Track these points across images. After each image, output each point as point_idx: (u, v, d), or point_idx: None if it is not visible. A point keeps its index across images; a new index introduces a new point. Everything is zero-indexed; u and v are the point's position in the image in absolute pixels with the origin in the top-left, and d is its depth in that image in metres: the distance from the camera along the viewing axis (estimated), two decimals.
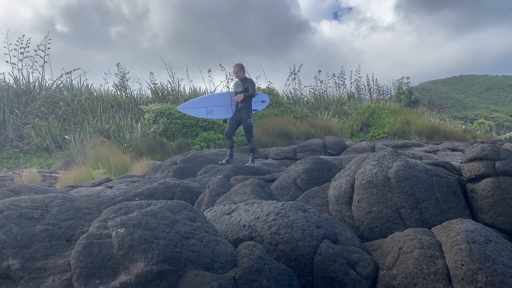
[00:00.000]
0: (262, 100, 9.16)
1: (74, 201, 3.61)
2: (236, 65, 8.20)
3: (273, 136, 12.74)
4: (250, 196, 4.30)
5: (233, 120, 8.26)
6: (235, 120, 8.25)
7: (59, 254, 2.80)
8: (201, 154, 8.71)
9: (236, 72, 8.17)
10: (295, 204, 3.61)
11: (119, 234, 2.59)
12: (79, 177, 8.94)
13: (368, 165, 4.41)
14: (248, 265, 2.67)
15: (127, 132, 12.83)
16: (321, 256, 3.16)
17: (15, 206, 3.12)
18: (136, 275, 2.42)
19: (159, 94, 17.20)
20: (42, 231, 2.93)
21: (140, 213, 2.80)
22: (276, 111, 15.10)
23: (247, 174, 6.58)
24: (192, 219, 3.04)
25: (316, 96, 20.56)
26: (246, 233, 3.45)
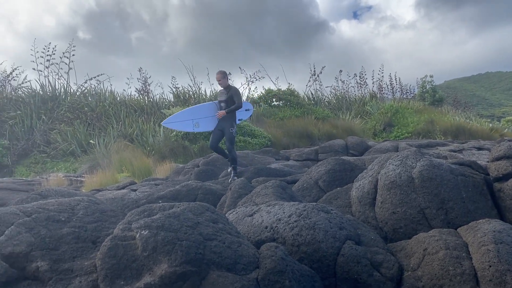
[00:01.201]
0: (246, 108, 8.55)
1: (99, 204, 3.69)
2: (219, 72, 7.78)
3: (294, 138, 12.70)
4: (272, 197, 4.30)
5: (216, 130, 7.79)
6: (219, 130, 7.76)
7: (85, 256, 2.86)
8: None
9: (219, 79, 7.69)
10: (317, 205, 3.59)
11: (143, 236, 2.63)
12: (104, 181, 9.11)
13: (391, 165, 4.35)
14: (270, 266, 2.67)
15: (150, 136, 13.01)
16: (344, 257, 3.13)
17: (43, 209, 3.21)
18: (160, 276, 2.45)
19: (180, 98, 17.38)
20: (69, 234, 3.00)
21: (163, 215, 2.83)
22: (297, 112, 15.05)
23: (268, 176, 6.58)
24: (214, 220, 3.06)
25: (337, 96, 20.41)
26: (268, 234, 3.45)
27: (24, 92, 16.38)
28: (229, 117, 7.58)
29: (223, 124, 7.63)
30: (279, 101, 16.54)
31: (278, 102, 16.61)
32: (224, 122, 7.61)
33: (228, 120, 7.59)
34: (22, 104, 15.02)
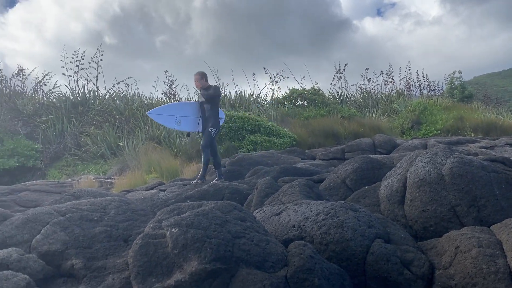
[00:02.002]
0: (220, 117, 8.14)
1: (130, 203, 3.78)
2: (197, 73, 7.50)
3: (319, 137, 12.62)
4: (299, 196, 4.30)
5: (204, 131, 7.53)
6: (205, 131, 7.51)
7: (118, 254, 2.94)
8: (249, 156, 8.79)
9: (196, 80, 7.47)
10: (345, 204, 3.57)
11: (173, 233, 2.68)
12: (133, 182, 9.30)
13: (420, 163, 4.28)
14: (299, 264, 2.67)
15: (176, 138, 13.18)
16: (373, 255, 3.10)
17: (76, 209, 3.31)
18: (190, 273, 2.49)
19: None
20: (101, 232, 3.08)
21: (192, 213, 2.88)
22: (322, 112, 14.96)
23: (294, 175, 6.57)
24: (242, 219, 3.09)
25: (363, 94, 20.17)
26: (295, 233, 3.45)
27: (55, 97, 16.88)
28: (212, 117, 7.39)
29: (207, 123, 7.44)
30: (304, 100, 16.47)
31: (302, 101, 16.54)
32: (208, 122, 7.43)
33: (210, 120, 7.40)
34: (53, 109, 15.49)
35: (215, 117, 7.42)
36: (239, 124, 12.22)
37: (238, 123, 12.21)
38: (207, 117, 7.42)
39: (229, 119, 12.29)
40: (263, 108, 16.39)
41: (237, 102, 17.33)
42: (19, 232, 3.13)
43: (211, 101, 7.36)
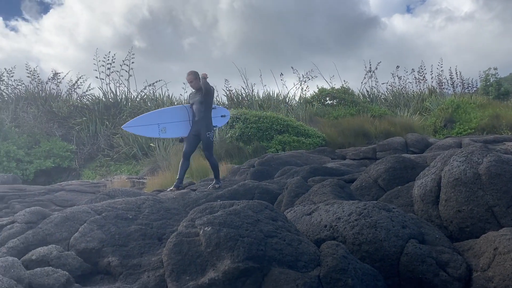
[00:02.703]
0: (222, 114, 7.63)
1: (163, 202, 3.84)
2: (191, 72, 6.91)
3: (349, 137, 12.48)
4: (330, 196, 4.27)
5: (191, 136, 6.84)
6: (193, 135, 6.84)
7: (152, 252, 3.00)
8: (278, 156, 8.79)
9: (190, 80, 6.86)
10: (378, 204, 3.52)
11: (206, 232, 2.71)
12: (164, 182, 9.45)
13: (455, 162, 4.17)
14: (332, 264, 2.65)
15: None
16: (408, 256, 3.05)
17: (112, 208, 3.40)
18: (223, 272, 2.52)
19: (234, 100, 17.65)
20: (136, 231, 3.15)
21: (224, 212, 2.91)
22: (352, 111, 14.78)
23: (324, 175, 6.52)
24: (273, 218, 3.09)
25: (394, 93, 19.80)
26: (327, 233, 3.43)
27: (88, 99, 17.36)
28: (205, 120, 6.74)
29: (198, 127, 6.76)
30: (333, 100, 16.33)
31: (331, 101, 16.40)
32: (199, 125, 6.74)
33: (203, 123, 6.72)
34: (87, 111, 15.92)
35: (208, 119, 6.81)
36: (267, 124, 12.23)
37: (267, 123, 12.22)
38: (199, 120, 6.77)
39: (257, 119, 12.32)
40: (292, 108, 16.34)
41: (265, 102, 17.35)
42: (58, 230, 3.25)
43: (205, 101, 6.77)
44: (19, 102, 16.05)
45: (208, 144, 6.75)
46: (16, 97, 16.59)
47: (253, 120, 12.38)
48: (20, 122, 14.38)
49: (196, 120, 6.82)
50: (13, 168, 11.80)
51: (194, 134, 6.83)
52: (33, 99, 16.32)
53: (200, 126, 6.75)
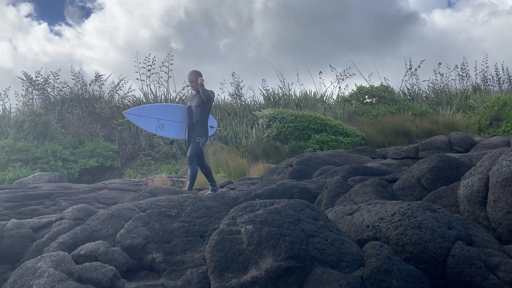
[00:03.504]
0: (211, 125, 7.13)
1: (204, 200, 3.90)
2: (193, 72, 6.56)
3: (390, 136, 12.21)
4: (372, 196, 4.19)
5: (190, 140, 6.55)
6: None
7: (195, 249, 3.05)
8: (316, 156, 8.72)
9: (191, 80, 6.52)
10: (422, 204, 3.42)
11: (247, 230, 2.73)
12: (203, 181, 9.58)
13: (504, 161, 3.99)
14: (376, 265, 2.61)
15: (243, 138, 13.41)
16: (454, 258, 2.95)
17: (156, 206, 3.48)
18: (265, 270, 2.52)
19: (271, 100, 17.67)
20: (179, 228, 3.21)
21: (265, 211, 2.91)
22: (392, 109, 14.45)
23: (365, 174, 6.41)
24: (315, 217, 3.07)
25: (436, 90, 19.19)
26: (370, 233, 3.36)
27: (129, 100, 17.85)
28: (200, 124, 6.45)
29: (193, 131, 6.49)
30: (372, 98, 16.03)
31: (370, 99, 16.10)
32: (195, 130, 6.46)
33: (198, 127, 6.45)
34: None
35: (203, 124, 6.52)
36: (304, 124, 12.17)
37: (304, 123, 12.16)
38: (194, 124, 6.47)
39: (294, 119, 12.27)
40: (329, 106, 16.17)
41: (302, 101, 17.26)
42: (104, 226, 3.36)
43: (204, 105, 6.48)
44: (64, 103, 16.72)
45: (195, 148, 6.40)
46: (61, 99, 17.30)
47: (290, 119, 12.34)
48: (66, 123, 14.99)
49: (192, 123, 6.52)
50: (59, 167, 12.31)
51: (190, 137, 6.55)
52: (78, 101, 16.96)
53: (194, 130, 6.47)
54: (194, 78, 6.48)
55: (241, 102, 17.84)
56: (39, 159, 12.15)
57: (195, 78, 6.48)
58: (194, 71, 6.56)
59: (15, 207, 7.33)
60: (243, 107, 17.17)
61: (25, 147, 12.26)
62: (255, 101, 18.27)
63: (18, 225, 3.81)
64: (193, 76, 6.51)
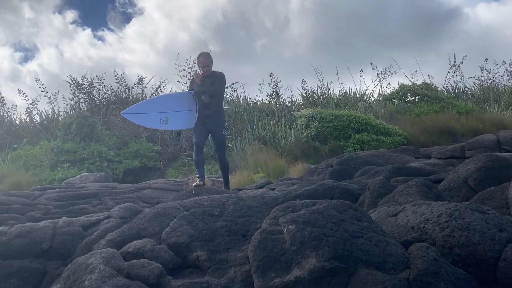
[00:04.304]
0: None
1: (245, 200, 3.94)
2: (206, 54, 5.94)
3: (433, 135, 11.84)
4: (416, 197, 4.09)
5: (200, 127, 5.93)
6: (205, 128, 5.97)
7: (238, 248, 3.09)
8: (357, 156, 8.59)
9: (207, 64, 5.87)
10: (470, 205, 3.31)
11: (290, 230, 2.74)
12: (242, 181, 9.68)
13: None
14: (422, 267, 2.55)
15: (281, 138, 13.40)
16: (506, 262, 2.83)
17: (199, 205, 3.56)
18: (308, 270, 2.52)
19: (309, 100, 17.55)
20: (222, 227, 3.27)
21: (307, 211, 2.91)
22: (435, 108, 14.00)
23: (408, 175, 6.25)
24: (358, 218, 3.03)
25: (482, 87, 18.43)
26: (415, 235, 3.29)
27: None
28: (220, 115, 5.96)
29: (212, 123, 5.93)
30: (415, 96, 15.60)
31: (413, 97, 15.68)
32: (214, 121, 5.91)
33: (219, 119, 5.93)
34: None
35: (223, 115, 6.07)
36: (344, 123, 12.01)
37: (344, 122, 12.00)
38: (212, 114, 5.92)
39: (334, 118, 12.13)
40: (370, 105, 15.88)
41: (342, 100, 17.04)
42: (150, 224, 3.47)
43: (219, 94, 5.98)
44: (109, 106, 17.32)
45: (223, 143, 6.06)
46: (106, 101, 17.93)
47: (330, 119, 12.22)
48: (110, 125, 15.51)
49: (208, 113, 5.96)
50: (105, 168, 12.75)
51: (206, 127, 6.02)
52: (121, 103, 17.51)
53: (214, 122, 5.96)
54: (210, 62, 5.96)
55: (279, 102, 17.83)
56: (86, 160, 12.65)
57: (211, 62, 5.97)
58: (208, 53, 6.06)
59: (64, 206, 7.68)
60: (281, 107, 17.15)
61: (72, 149, 12.80)
62: (293, 101, 18.21)
63: (69, 223, 4.00)
64: (209, 60, 5.97)
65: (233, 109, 16.51)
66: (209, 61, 5.92)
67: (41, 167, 12.55)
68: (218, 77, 5.97)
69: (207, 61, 5.91)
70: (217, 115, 5.97)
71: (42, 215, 6.63)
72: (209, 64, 5.93)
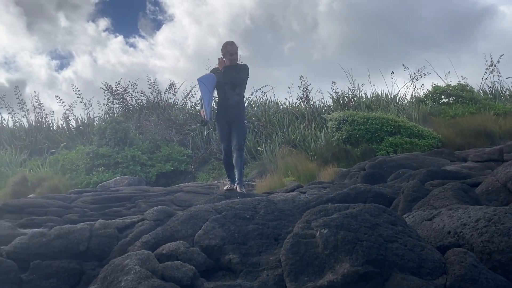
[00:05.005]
0: None
1: (277, 203, 3.94)
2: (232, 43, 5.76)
3: (469, 137, 11.47)
4: (453, 201, 3.97)
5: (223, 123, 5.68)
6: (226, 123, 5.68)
7: (270, 251, 3.09)
8: (390, 159, 8.43)
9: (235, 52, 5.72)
10: (510, 210, 3.19)
11: (323, 234, 2.72)
12: (273, 184, 9.66)
13: None
14: (460, 273, 2.47)
15: (311, 141, 13.32)
16: None
17: (231, 208, 3.58)
18: (342, 274, 2.49)
19: (340, 102, 17.37)
20: (253, 230, 3.28)
21: (341, 215, 2.88)
22: (471, 109, 13.57)
23: (443, 178, 6.08)
24: (392, 222, 2.98)
25: None
26: (452, 240, 3.20)
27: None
28: (242, 106, 5.73)
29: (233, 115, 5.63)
30: (449, 97, 15.17)
31: (447, 99, 15.25)
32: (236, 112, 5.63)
33: (240, 110, 5.66)
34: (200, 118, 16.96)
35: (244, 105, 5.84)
36: (376, 126, 11.81)
37: (376, 125, 11.80)
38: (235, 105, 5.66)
39: (365, 121, 11.96)
40: (403, 107, 15.57)
41: (373, 103, 16.79)
42: (183, 227, 3.52)
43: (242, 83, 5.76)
44: (142, 111, 17.70)
45: (244, 134, 5.72)
46: (139, 107, 18.33)
47: (361, 121, 12.04)
48: (143, 130, 15.84)
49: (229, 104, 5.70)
50: (138, 171, 13.03)
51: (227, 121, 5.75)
52: (154, 108, 17.86)
53: (236, 113, 5.68)
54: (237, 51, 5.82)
55: (309, 105, 17.73)
56: (120, 163, 12.96)
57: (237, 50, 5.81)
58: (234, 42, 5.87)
59: (99, 208, 7.90)
60: (311, 110, 17.05)
61: (107, 153, 13.15)
62: (323, 104, 18.06)
63: (105, 225, 4.11)
64: (236, 48, 5.81)
65: (262, 113, 16.54)
66: (236, 49, 5.80)
67: (77, 171, 12.95)
68: (242, 67, 5.84)
69: (235, 49, 5.78)
70: (239, 106, 5.76)
71: (79, 217, 6.85)
72: (236, 52, 5.82)
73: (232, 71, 5.73)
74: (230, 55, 5.77)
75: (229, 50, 5.76)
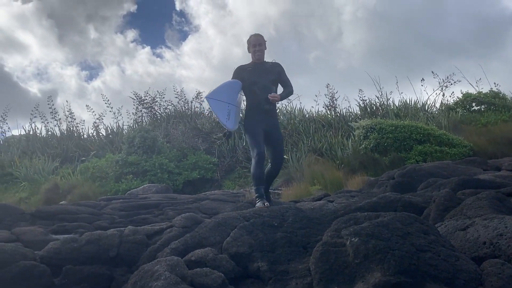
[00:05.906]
0: None
1: (305, 212, 3.90)
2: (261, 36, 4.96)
3: (502, 145, 11.11)
4: (488, 210, 3.85)
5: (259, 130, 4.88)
6: (262, 130, 4.92)
7: (298, 260, 3.06)
8: (420, 167, 8.24)
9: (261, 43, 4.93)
10: None
11: (353, 243, 2.67)
12: (299, 193, 9.59)
13: None
14: (497, 285, 2.39)
15: (338, 149, 13.18)
16: None
17: (258, 215, 3.57)
18: (373, 284, 2.44)
19: (367, 110, 17.17)
20: (282, 238, 3.25)
21: (371, 224, 2.83)
22: (504, 117, 13.17)
23: (477, 187, 5.89)
24: (425, 232, 2.90)
25: None
26: (487, 251, 3.09)
27: None
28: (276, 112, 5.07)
29: (271, 121, 4.96)
30: (480, 105, 14.78)
31: (479, 106, 14.86)
32: (273, 119, 4.99)
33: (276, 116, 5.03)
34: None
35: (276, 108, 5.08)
36: (405, 134, 11.60)
37: (405, 133, 11.60)
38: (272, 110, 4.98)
39: (394, 129, 11.77)
40: (432, 115, 15.25)
41: (402, 110, 16.52)
42: (212, 234, 3.53)
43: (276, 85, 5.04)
44: (169, 120, 17.97)
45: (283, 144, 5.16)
46: (167, 116, 18.62)
47: (389, 130, 11.86)
48: (171, 138, 16.05)
49: (267, 108, 4.95)
50: (166, 179, 13.19)
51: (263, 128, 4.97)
52: (181, 117, 18.11)
53: (274, 120, 5.06)
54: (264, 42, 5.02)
55: (335, 113, 17.60)
56: (148, 171, 13.16)
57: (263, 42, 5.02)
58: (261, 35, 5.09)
59: (128, 215, 8.02)
60: (338, 118, 16.91)
61: (136, 161, 13.37)
62: (350, 112, 17.89)
63: (134, 231, 4.16)
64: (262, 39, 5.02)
65: (288, 121, 16.50)
66: (262, 40, 4.97)
67: (107, 179, 13.21)
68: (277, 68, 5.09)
69: (260, 39, 4.96)
70: (275, 111, 5.08)
71: (108, 224, 6.97)
72: (262, 44, 4.99)
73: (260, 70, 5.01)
74: (254, 47, 5.02)
75: (252, 40, 5.01)
